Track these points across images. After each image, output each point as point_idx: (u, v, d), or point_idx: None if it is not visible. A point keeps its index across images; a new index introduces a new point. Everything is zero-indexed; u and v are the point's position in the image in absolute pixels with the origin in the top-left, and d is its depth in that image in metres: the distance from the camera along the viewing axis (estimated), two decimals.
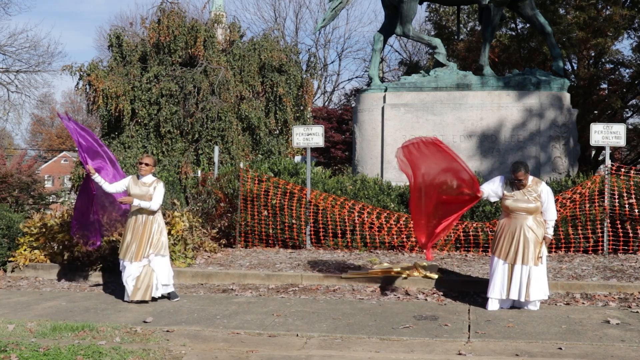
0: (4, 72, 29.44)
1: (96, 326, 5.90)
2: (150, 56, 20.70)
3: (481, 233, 9.41)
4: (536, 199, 6.49)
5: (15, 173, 17.58)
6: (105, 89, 19.39)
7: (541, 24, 12.10)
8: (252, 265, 8.82)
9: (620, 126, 9.54)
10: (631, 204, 9.03)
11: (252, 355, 5.14)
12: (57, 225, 9.06)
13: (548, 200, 6.55)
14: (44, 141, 56.60)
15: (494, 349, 5.24)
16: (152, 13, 23.33)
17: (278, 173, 10.93)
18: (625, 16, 18.33)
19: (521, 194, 6.53)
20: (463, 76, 11.80)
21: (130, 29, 25.20)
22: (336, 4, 12.57)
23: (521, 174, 6.48)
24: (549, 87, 11.39)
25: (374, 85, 12.13)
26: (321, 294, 7.49)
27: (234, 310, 6.66)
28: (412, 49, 35.91)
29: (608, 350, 5.15)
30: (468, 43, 21.80)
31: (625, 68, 21.61)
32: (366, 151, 11.79)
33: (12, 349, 5.08)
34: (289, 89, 21.69)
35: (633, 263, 8.45)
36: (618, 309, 6.52)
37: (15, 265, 8.94)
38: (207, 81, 20.11)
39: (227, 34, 22.47)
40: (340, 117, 28.89)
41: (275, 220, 10.25)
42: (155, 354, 5.08)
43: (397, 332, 5.75)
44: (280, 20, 39.42)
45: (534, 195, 6.50)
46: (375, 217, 9.73)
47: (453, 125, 11.31)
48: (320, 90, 38.13)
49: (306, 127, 10.62)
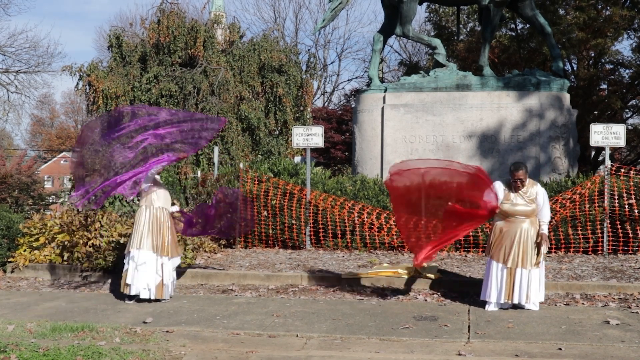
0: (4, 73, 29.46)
1: (96, 327, 5.90)
2: (150, 57, 20.71)
3: (481, 233, 9.41)
4: (532, 202, 6.49)
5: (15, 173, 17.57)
6: (105, 89, 19.40)
7: (541, 25, 12.11)
8: (251, 265, 8.82)
9: (620, 127, 9.54)
10: (631, 204, 9.03)
11: (252, 356, 5.14)
12: (57, 226, 9.06)
13: (544, 202, 6.54)
14: (44, 142, 56.59)
15: (493, 350, 5.24)
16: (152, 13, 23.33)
17: (278, 173, 10.94)
18: (625, 16, 18.33)
19: (519, 198, 6.52)
20: (463, 77, 11.80)
21: (130, 30, 25.26)
22: (336, 5, 12.58)
23: (522, 173, 6.47)
24: (549, 88, 11.39)
25: (374, 86, 12.13)
26: (321, 295, 7.49)
27: (233, 311, 6.66)
28: (411, 50, 35.94)
29: (608, 351, 5.15)
30: (468, 43, 21.81)
31: (625, 68, 21.63)
32: (366, 152, 11.78)
33: (11, 349, 5.08)
34: (289, 89, 21.70)
35: (633, 263, 8.45)
36: (618, 310, 6.51)
37: (15, 266, 8.93)
38: (206, 82, 20.12)
39: (226, 35, 22.49)
40: (340, 118, 28.89)
41: (275, 220, 10.25)
42: (155, 355, 5.08)
43: (397, 332, 5.75)
44: (280, 20, 39.45)
45: (531, 198, 6.50)
46: (375, 218, 9.73)
47: (453, 125, 11.31)
48: (320, 90, 38.17)
49: (306, 128, 10.61)
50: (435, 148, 11.32)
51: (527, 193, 6.52)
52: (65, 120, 58.65)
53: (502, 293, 6.48)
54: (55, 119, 58.04)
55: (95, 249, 8.66)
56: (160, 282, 7.13)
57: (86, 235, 8.86)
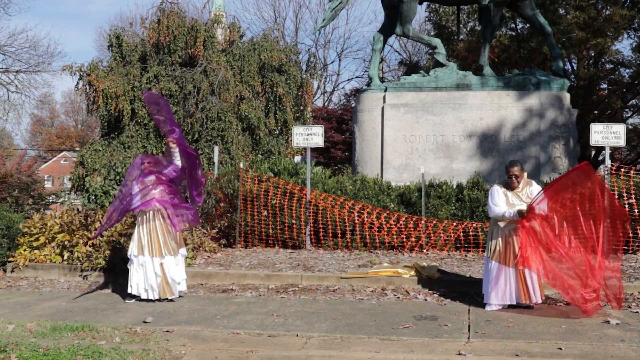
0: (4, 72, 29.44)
1: (96, 326, 5.90)
2: (150, 56, 20.70)
3: (481, 233, 9.40)
4: (529, 198, 6.50)
5: (15, 173, 17.57)
6: (105, 89, 19.39)
7: (541, 24, 12.11)
8: (252, 265, 8.82)
9: (620, 126, 9.54)
10: (631, 204, 9.03)
11: (252, 356, 5.14)
12: (57, 225, 9.06)
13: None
14: (44, 141, 56.62)
15: (493, 349, 5.24)
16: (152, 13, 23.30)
17: (278, 173, 10.93)
18: (625, 16, 18.34)
19: (515, 198, 6.52)
20: (463, 76, 11.80)
21: (130, 29, 25.25)
22: (336, 4, 12.58)
23: (517, 169, 6.49)
24: (549, 87, 11.39)
25: (374, 86, 12.13)
26: (321, 294, 7.49)
27: (233, 311, 6.66)
28: (412, 49, 35.95)
29: (608, 350, 5.15)
30: (468, 43, 21.81)
31: (625, 68, 21.64)
32: (366, 151, 11.78)
33: (12, 349, 5.08)
34: (289, 89, 21.70)
35: (633, 263, 8.45)
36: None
37: (15, 266, 8.93)
38: (206, 81, 20.12)
39: (227, 34, 22.48)
40: (340, 117, 28.89)
41: (275, 220, 10.24)
42: (155, 354, 5.08)
43: (397, 332, 5.75)
44: (280, 20, 39.46)
45: (527, 196, 6.50)
46: (375, 217, 9.73)
47: (453, 125, 11.32)
48: (320, 90, 38.17)
49: (306, 127, 10.61)
50: (435, 148, 11.32)
51: (523, 192, 6.54)
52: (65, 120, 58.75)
53: (513, 294, 6.46)
54: (55, 118, 58.11)
55: (96, 249, 8.67)
56: (162, 282, 7.13)
57: (86, 234, 8.86)
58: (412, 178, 11.02)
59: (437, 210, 9.82)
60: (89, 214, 9.42)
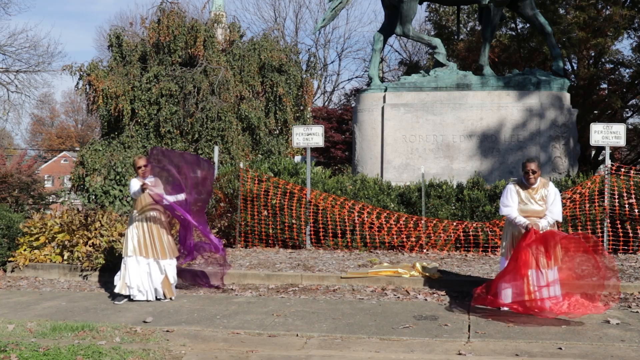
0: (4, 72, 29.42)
1: (96, 326, 5.90)
2: (150, 56, 20.70)
3: (481, 233, 9.41)
4: (543, 199, 6.46)
5: (15, 173, 17.54)
6: (105, 89, 19.38)
7: (541, 24, 12.10)
8: (252, 265, 8.82)
9: (620, 126, 9.54)
10: (631, 204, 9.03)
11: (252, 355, 5.14)
12: (57, 225, 9.06)
13: (554, 200, 6.46)
14: (44, 141, 56.63)
15: (494, 349, 5.24)
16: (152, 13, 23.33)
17: (278, 173, 10.93)
18: (625, 16, 18.32)
19: (530, 197, 6.47)
20: (463, 76, 11.80)
21: (130, 29, 25.25)
22: (336, 4, 12.58)
23: (534, 165, 6.41)
24: (549, 87, 11.39)
25: (374, 85, 12.13)
26: (321, 294, 7.49)
27: (233, 310, 6.66)
28: (412, 49, 35.94)
29: (608, 350, 5.15)
30: (468, 43, 21.79)
31: (625, 68, 21.61)
32: (366, 151, 11.78)
33: (12, 349, 5.08)
34: (289, 89, 21.69)
35: (633, 263, 8.45)
36: (618, 309, 6.51)
37: (15, 265, 8.93)
38: (207, 81, 20.11)
39: (227, 34, 22.47)
40: (340, 117, 28.89)
41: (275, 220, 10.24)
42: (155, 354, 5.08)
43: (397, 332, 5.75)
44: (280, 20, 39.48)
45: (542, 197, 6.45)
46: (375, 217, 9.73)
47: (453, 125, 11.31)
48: (320, 90, 38.19)
49: (306, 127, 10.62)
50: (435, 147, 11.32)
51: (538, 193, 6.48)
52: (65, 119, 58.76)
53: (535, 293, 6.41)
54: (56, 118, 58.12)
55: (96, 249, 8.67)
56: (165, 282, 7.17)
57: (86, 234, 8.87)
58: (412, 178, 11.02)
59: (437, 210, 9.82)
60: (89, 213, 9.42)
